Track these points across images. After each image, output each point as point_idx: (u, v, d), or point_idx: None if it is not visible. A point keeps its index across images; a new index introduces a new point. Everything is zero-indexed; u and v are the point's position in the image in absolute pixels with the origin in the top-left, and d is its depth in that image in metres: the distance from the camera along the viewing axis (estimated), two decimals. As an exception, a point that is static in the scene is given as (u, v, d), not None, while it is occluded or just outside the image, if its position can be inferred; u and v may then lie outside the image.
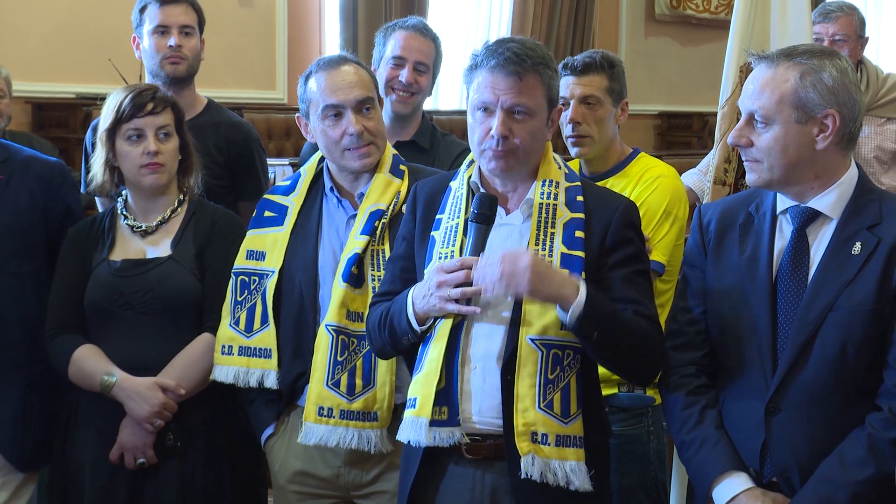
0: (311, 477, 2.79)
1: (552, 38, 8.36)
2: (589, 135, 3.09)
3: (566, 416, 2.32)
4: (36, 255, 2.97)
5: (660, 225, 3.03)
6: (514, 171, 2.41)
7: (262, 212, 2.90)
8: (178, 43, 3.43)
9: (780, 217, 2.37)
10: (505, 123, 2.34)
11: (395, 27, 3.48)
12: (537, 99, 2.36)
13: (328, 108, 2.74)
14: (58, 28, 6.23)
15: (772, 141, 2.27)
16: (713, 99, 3.87)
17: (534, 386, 2.31)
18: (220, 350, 2.82)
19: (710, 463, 2.34)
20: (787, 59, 2.28)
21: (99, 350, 2.84)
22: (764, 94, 2.28)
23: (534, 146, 2.40)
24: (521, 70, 2.33)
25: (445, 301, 2.31)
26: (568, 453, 2.31)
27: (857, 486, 2.19)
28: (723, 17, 9.71)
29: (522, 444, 2.29)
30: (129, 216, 2.93)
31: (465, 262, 2.31)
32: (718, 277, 2.41)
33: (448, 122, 5.18)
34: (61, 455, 2.90)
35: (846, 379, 2.25)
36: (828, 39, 4.28)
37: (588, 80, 3.09)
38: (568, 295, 2.24)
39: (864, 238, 2.26)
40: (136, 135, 2.85)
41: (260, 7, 7.00)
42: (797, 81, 2.25)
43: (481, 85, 2.36)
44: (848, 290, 2.24)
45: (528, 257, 2.23)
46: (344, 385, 2.67)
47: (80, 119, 5.87)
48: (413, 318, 2.39)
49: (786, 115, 2.26)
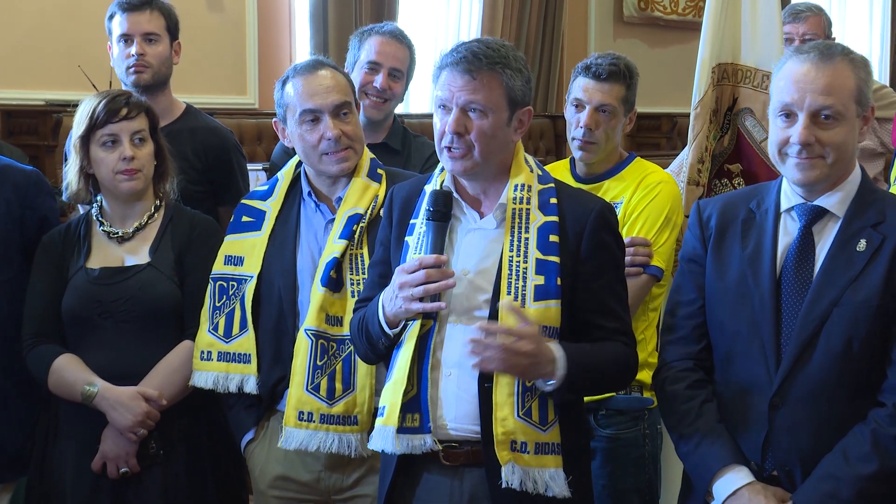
0: (291, 481, 2.78)
1: (521, 40, 8.38)
2: (597, 142, 3.08)
3: (544, 424, 2.32)
4: (11, 264, 2.94)
5: (661, 231, 3.04)
6: (478, 172, 2.40)
7: (240, 217, 2.89)
8: (139, 51, 3.40)
9: (784, 214, 2.38)
10: (459, 121, 2.34)
11: (372, 32, 3.48)
12: (493, 98, 2.34)
13: (305, 112, 2.74)
14: (27, 35, 6.17)
15: (844, 136, 2.29)
16: (682, 100, 3.90)
17: (512, 394, 2.31)
18: (198, 356, 2.82)
19: (711, 457, 2.34)
20: (842, 55, 2.30)
21: (79, 359, 2.82)
22: (833, 91, 2.27)
23: (492, 146, 2.37)
24: (474, 68, 2.33)
25: (409, 301, 2.31)
26: (547, 461, 2.31)
27: (862, 481, 2.20)
28: (690, 19, 9.77)
29: (502, 453, 2.29)
30: (105, 223, 2.92)
31: (423, 261, 2.32)
32: (720, 273, 2.42)
33: (419, 126, 5.16)
34: (41, 464, 2.88)
35: (850, 374, 2.26)
36: (798, 39, 4.32)
37: (608, 89, 3.06)
38: (549, 373, 2.28)
39: (868, 236, 2.28)
40: (110, 140, 2.84)
41: (230, 12, 6.96)
42: (859, 77, 2.29)
43: (440, 84, 2.38)
44: (853, 286, 2.26)
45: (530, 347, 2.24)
46: (324, 389, 2.67)
47: (51, 126, 5.81)
48: (384, 321, 2.40)
49: (853, 110, 2.29)
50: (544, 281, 2.33)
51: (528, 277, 2.34)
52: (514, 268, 2.34)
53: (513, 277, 2.34)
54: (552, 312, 2.33)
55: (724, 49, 3.47)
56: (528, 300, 2.32)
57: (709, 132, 3.47)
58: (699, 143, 3.44)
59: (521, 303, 2.32)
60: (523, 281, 2.33)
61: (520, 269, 2.34)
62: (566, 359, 2.27)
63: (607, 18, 9.48)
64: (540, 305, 2.32)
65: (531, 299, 2.32)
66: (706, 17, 3.47)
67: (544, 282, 2.33)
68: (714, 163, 3.51)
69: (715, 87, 3.47)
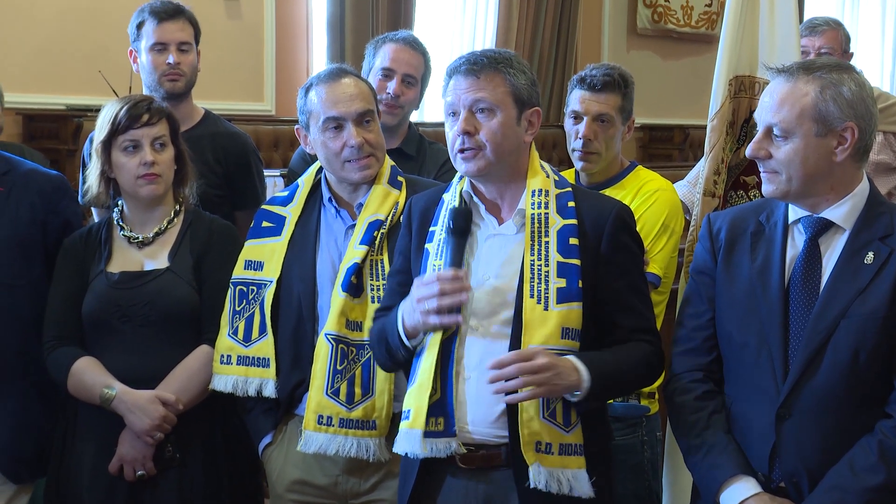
0: (309, 485, 2.80)
1: (535, 51, 8.40)
2: (598, 152, 3.12)
3: (567, 425, 2.34)
4: (33, 267, 2.97)
5: (657, 238, 3.06)
6: (492, 172, 2.42)
7: (260, 222, 2.91)
8: (176, 60, 3.41)
9: (791, 227, 2.39)
10: (467, 121, 2.38)
11: (386, 40, 3.51)
12: (498, 95, 2.38)
13: (329, 120, 2.76)
14: (48, 40, 6.21)
15: (791, 153, 2.30)
16: (694, 112, 3.90)
17: None
18: (218, 359, 2.83)
19: (718, 467, 2.35)
20: (805, 72, 2.31)
21: (98, 362, 2.84)
22: (784, 108, 2.30)
23: (503, 145, 2.40)
24: (476, 68, 2.38)
25: (426, 315, 2.34)
26: (570, 461, 2.33)
27: (869, 492, 2.21)
28: (703, 32, 9.78)
29: (528, 454, 2.31)
30: (125, 227, 2.94)
31: (440, 276, 2.34)
32: (729, 285, 2.43)
33: (434, 134, 5.17)
34: (59, 467, 2.90)
35: (857, 386, 2.27)
36: (814, 53, 4.33)
37: (604, 99, 3.11)
38: (574, 385, 2.29)
39: (876, 248, 2.29)
40: (132, 145, 2.86)
41: (248, 19, 7.00)
42: (817, 95, 2.28)
43: (447, 91, 2.43)
44: (860, 298, 2.26)
45: (544, 359, 2.26)
46: (343, 394, 2.69)
47: (71, 130, 5.86)
48: (403, 333, 2.42)
49: (806, 128, 2.28)
50: (566, 283, 2.35)
51: (551, 280, 2.36)
52: (535, 271, 2.37)
53: (535, 281, 2.36)
54: (574, 314, 2.35)
55: (741, 61, 3.48)
56: (551, 303, 2.34)
57: (725, 144, 3.47)
58: (716, 154, 3.44)
59: (544, 305, 2.34)
60: (546, 284, 2.36)
61: (542, 273, 2.36)
62: (588, 370, 2.29)
63: (621, 30, 9.49)
64: (563, 308, 2.34)
65: (554, 302, 2.34)
66: (724, 30, 3.47)
67: (566, 284, 2.35)
68: (730, 174, 3.52)
69: (732, 99, 3.47)
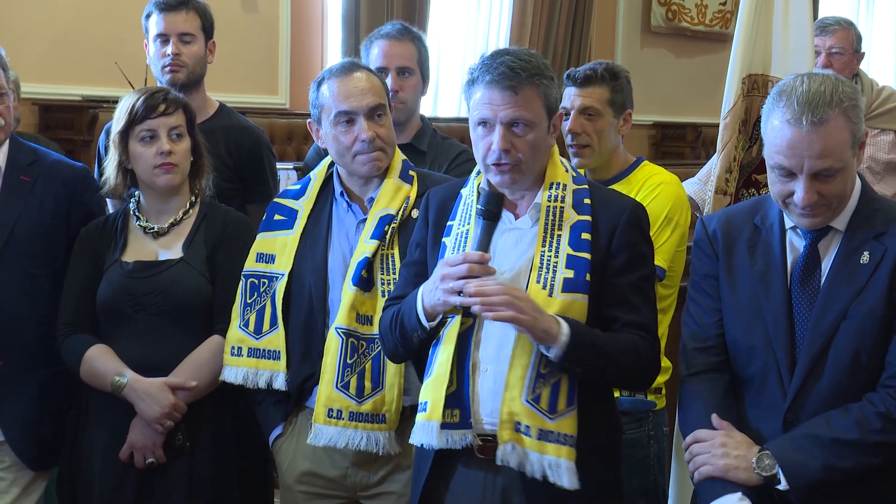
0: (318, 477, 2.81)
1: (549, 48, 8.40)
2: (588, 144, 3.14)
3: (553, 412, 2.32)
4: (57, 257, 3.00)
5: (661, 230, 3.05)
6: (523, 181, 2.44)
7: (273, 215, 2.93)
8: (175, 51, 3.44)
9: (789, 231, 2.38)
10: (505, 138, 2.36)
11: (375, 37, 3.49)
12: (535, 110, 2.38)
13: (341, 114, 2.77)
14: (64, 31, 6.25)
15: (842, 183, 2.27)
16: (707, 110, 3.90)
17: (523, 378, 2.32)
18: (229, 351, 2.85)
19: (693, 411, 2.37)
20: (830, 108, 2.22)
21: (110, 350, 2.87)
22: (828, 154, 2.22)
23: (537, 157, 2.42)
24: (516, 84, 2.34)
25: (448, 293, 2.32)
26: (548, 448, 2.30)
27: (837, 445, 2.20)
28: (717, 30, 9.77)
29: (504, 433, 2.31)
30: (141, 217, 2.96)
31: (467, 256, 2.33)
32: (731, 290, 2.42)
33: (447, 129, 5.19)
34: (71, 453, 2.93)
35: (859, 387, 2.26)
36: (825, 52, 4.33)
37: (588, 92, 3.15)
38: (553, 332, 2.27)
39: (871, 247, 2.28)
40: (149, 136, 2.88)
41: (263, 13, 7.03)
42: (846, 122, 2.24)
43: (479, 101, 2.38)
44: (858, 298, 2.26)
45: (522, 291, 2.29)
46: (353, 387, 2.70)
47: (87, 121, 5.89)
48: (422, 313, 2.41)
49: (848, 156, 2.26)
50: (574, 275, 2.35)
51: (559, 271, 2.36)
52: (545, 261, 2.37)
53: (543, 270, 2.36)
54: (578, 306, 2.35)
55: (755, 60, 3.48)
56: (556, 290, 2.34)
57: (737, 142, 3.48)
58: (728, 152, 3.45)
59: (548, 292, 2.34)
60: (553, 273, 2.36)
61: (550, 263, 2.37)
62: (570, 327, 2.27)
63: (635, 28, 9.49)
64: (567, 297, 2.34)
65: (559, 290, 2.35)
66: (738, 28, 3.48)
67: (574, 275, 2.36)
68: (742, 173, 3.53)
69: (745, 97, 3.48)
